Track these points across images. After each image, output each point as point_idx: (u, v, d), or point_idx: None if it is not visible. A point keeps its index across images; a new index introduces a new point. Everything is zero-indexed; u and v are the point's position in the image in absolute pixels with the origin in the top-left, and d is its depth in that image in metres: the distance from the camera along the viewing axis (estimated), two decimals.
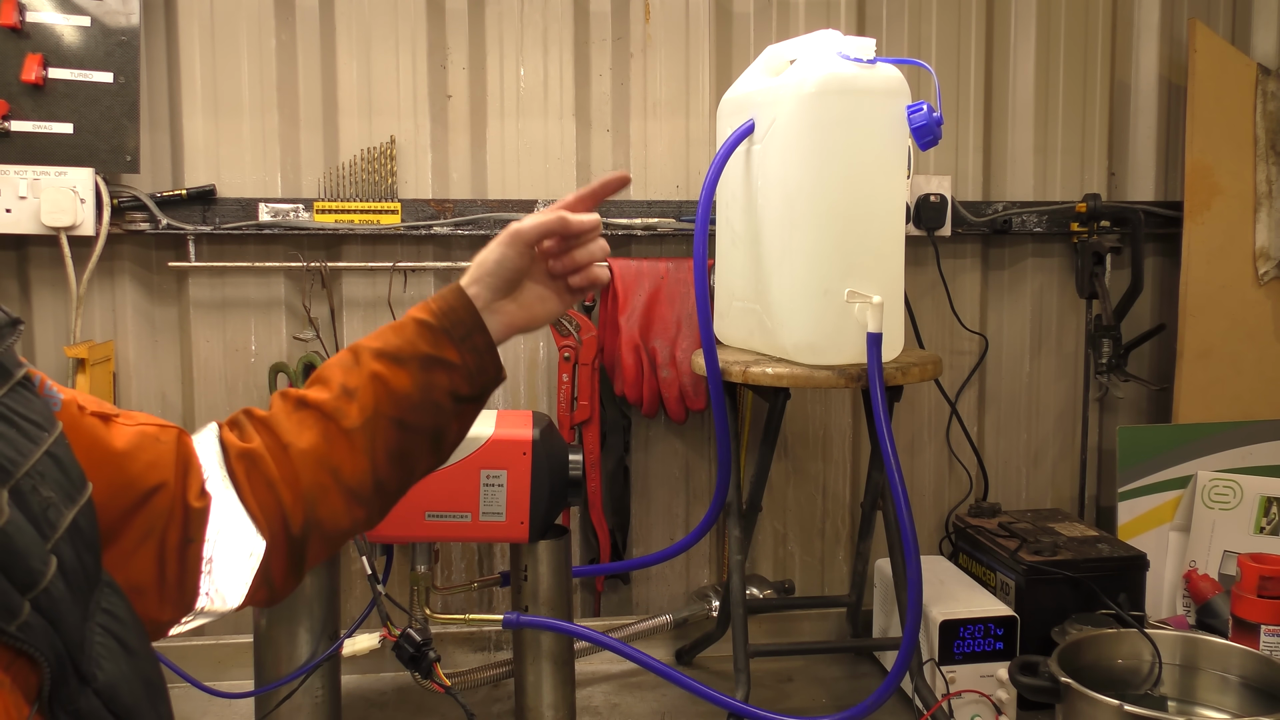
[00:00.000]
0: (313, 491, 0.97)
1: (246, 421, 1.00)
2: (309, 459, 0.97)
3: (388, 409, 1.00)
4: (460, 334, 1.02)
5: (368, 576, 1.50)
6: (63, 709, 0.70)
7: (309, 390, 1.01)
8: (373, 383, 0.99)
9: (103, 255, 1.86)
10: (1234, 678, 1.59)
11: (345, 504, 0.99)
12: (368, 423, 0.98)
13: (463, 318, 1.03)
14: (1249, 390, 2.15)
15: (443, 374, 1.01)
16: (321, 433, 0.98)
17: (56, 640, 0.69)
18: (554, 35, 2.03)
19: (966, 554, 2.01)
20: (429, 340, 1.01)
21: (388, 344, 1.01)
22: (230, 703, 1.77)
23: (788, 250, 1.60)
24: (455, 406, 1.03)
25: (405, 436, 1.01)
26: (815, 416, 2.19)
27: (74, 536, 0.74)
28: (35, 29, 1.80)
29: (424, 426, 1.02)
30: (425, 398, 1.01)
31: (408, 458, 1.03)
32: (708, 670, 1.96)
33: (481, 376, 1.04)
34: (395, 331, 1.02)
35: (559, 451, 1.59)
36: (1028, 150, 2.19)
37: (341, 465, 0.98)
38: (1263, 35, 2.23)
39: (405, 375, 1.00)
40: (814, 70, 1.55)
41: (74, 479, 0.77)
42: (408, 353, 1.01)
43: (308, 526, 0.98)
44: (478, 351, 1.03)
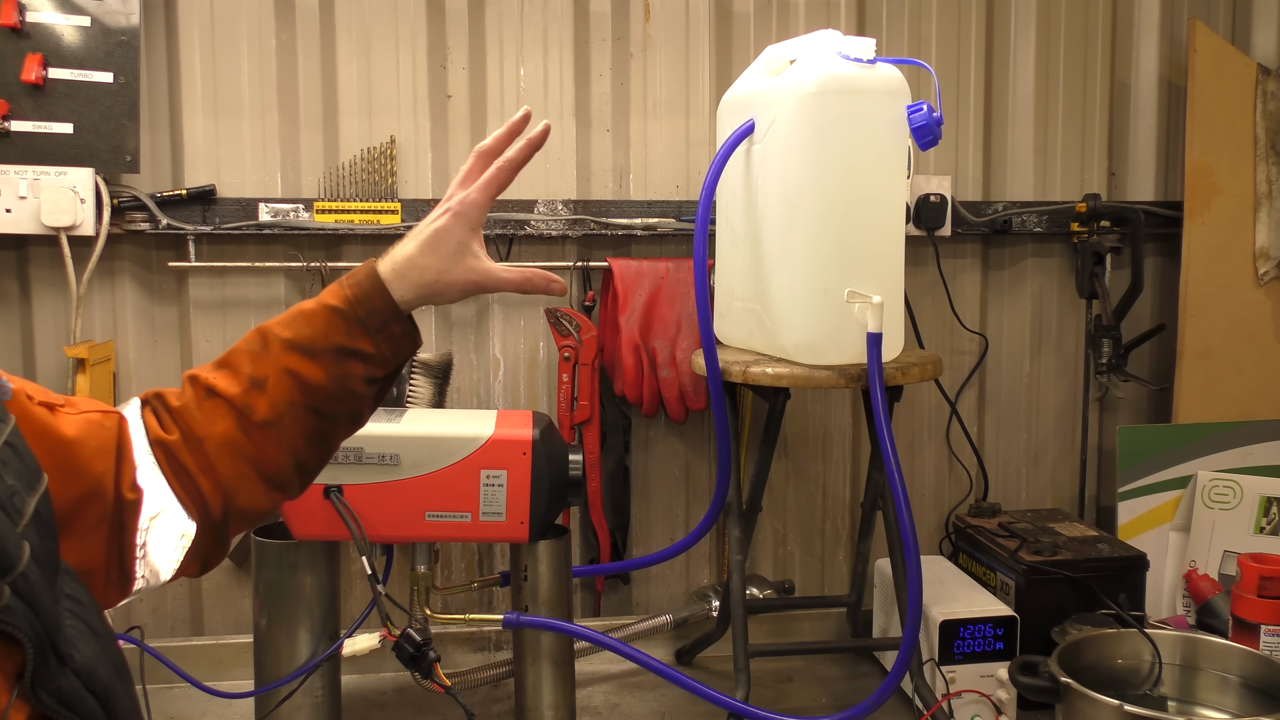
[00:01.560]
0: (231, 481, 0.97)
1: (162, 409, 0.98)
2: (224, 451, 0.96)
3: (301, 399, 0.97)
4: (375, 324, 0.97)
5: (368, 576, 1.50)
6: (44, 689, 0.70)
7: (216, 377, 0.98)
8: (284, 376, 0.96)
9: (103, 255, 1.86)
10: (1234, 678, 1.59)
11: (265, 490, 0.99)
12: (281, 416, 0.96)
13: (378, 307, 0.97)
14: (1249, 390, 2.15)
15: (358, 364, 0.98)
16: (234, 423, 0.96)
17: (36, 622, 0.70)
18: (554, 35, 2.03)
19: (966, 554, 2.01)
20: (343, 331, 0.97)
21: (299, 335, 0.97)
22: (230, 703, 1.77)
23: (788, 250, 1.60)
24: (370, 389, 1.00)
25: (321, 422, 0.99)
26: (815, 416, 2.19)
27: (37, 524, 0.75)
28: (35, 29, 1.80)
29: (340, 412, 1.00)
30: (340, 387, 0.98)
31: (326, 438, 1.01)
32: (708, 670, 1.96)
33: (396, 358, 1.01)
34: (307, 321, 0.98)
35: (559, 451, 1.59)
36: (1028, 150, 2.19)
37: (258, 455, 0.97)
38: (1263, 35, 2.23)
39: (318, 368, 0.97)
40: (814, 70, 1.55)
41: (31, 468, 0.77)
42: (321, 345, 0.97)
43: (226, 513, 0.97)
44: (393, 338, 0.99)
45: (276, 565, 1.61)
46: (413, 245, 1.00)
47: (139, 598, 0.99)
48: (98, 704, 0.75)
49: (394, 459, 1.53)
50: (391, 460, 1.53)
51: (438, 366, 1.90)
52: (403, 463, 1.53)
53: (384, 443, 1.53)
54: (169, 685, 1.78)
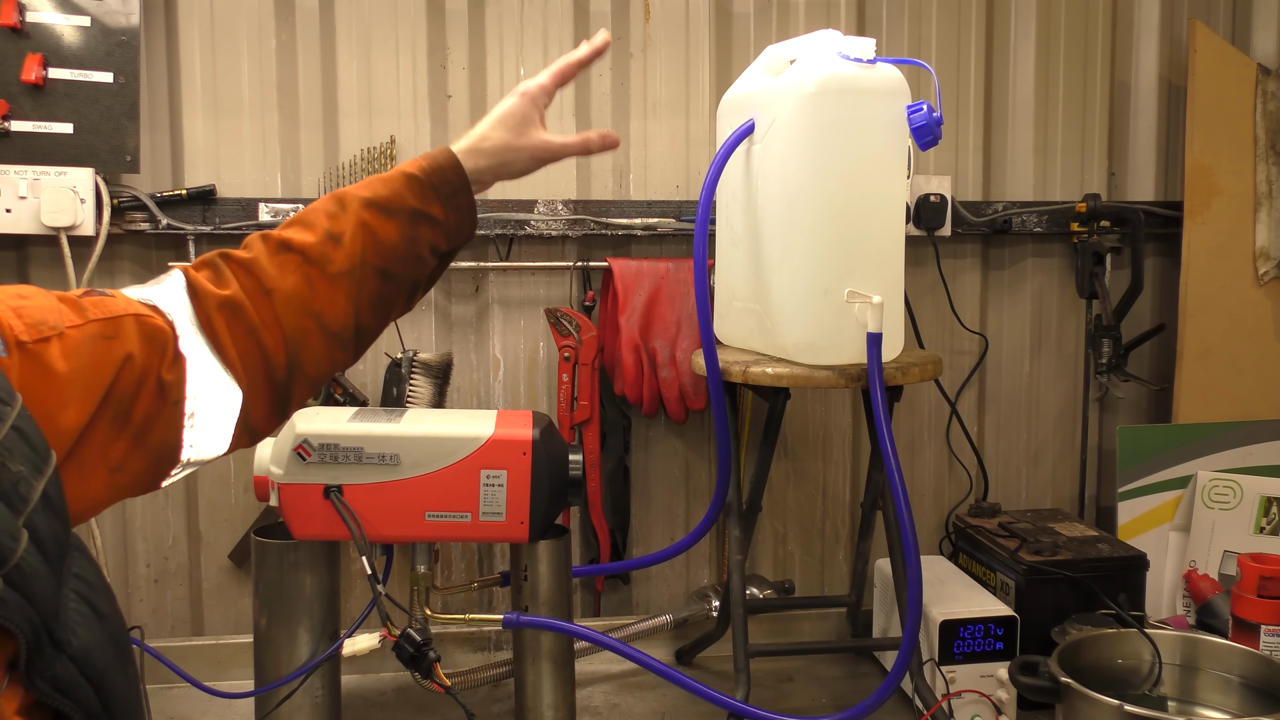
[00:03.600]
0: (295, 336, 0.99)
1: (224, 265, 1.00)
2: (292, 303, 0.99)
3: (374, 258, 1.02)
4: (447, 192, 1.07)
5: (368, 576, 1.49)
6: (39, 675, 0.71)
7: (290, 232, 1.01)
8: (361, 231, 1.02)
9: (103, 255, 1.86)
10: (1234, 678, 1.59)
11: (327, 347, 1.01)
12: (354, 270, 1.01)
13: (450, 178, 1.08)
14: (1249, 390, 2.15)
15: (427, 228, 1.06)
16: (304, 277, 0.99)
17: (31, 612, 0.70)
18: (554, 35, 2.03)
19: (966, 554, 2.01)
20: (417, 195, 1.05)
21: (377, 194, 1.04)
22: (230, 703, 1.77)
23: (788, 250, 1.60)
24: (434, 260, 1.08)
25: (387, 285, 1.04)
26: (815, 416, 2.19)
27: (46, 506, 0.75)
28: (35, 29, 1.80)
29: (405, 277, 1.06)
30: (410, 250, 1.05)
31: (387, 305, 1.07)
32: (708, 670, 1.96)
33: (459, 234, 1.10)
34: (384, 183, 1.05)
35: (559, 451, 1.59)
36: (1028, 150, 2.19)
37: (325, 310, 1.00)
38: (1263, 35, 2.23)
39: (393, 226, 1.03)
40: (814, 70, 1.55)
41: (40, 450, 0.76)
42: (396, 205, 1.04)
43: (290, 369, 0.99)
44: (460, 210, 1.08)
45: (276, 565, 1.61)
46: (484, 123, 1.15)
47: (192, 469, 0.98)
48: (92, 689, 0.76)
49: (394, 459, 1.53)
50: (391, 460, 1.53)
51: (438, 366, 1.91)
52: (403, 463, 1.53)
53: (384, 443, 1.53)
54: (169, 685, 1.78)
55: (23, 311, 0.84)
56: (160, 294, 0.97)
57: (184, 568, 2.03)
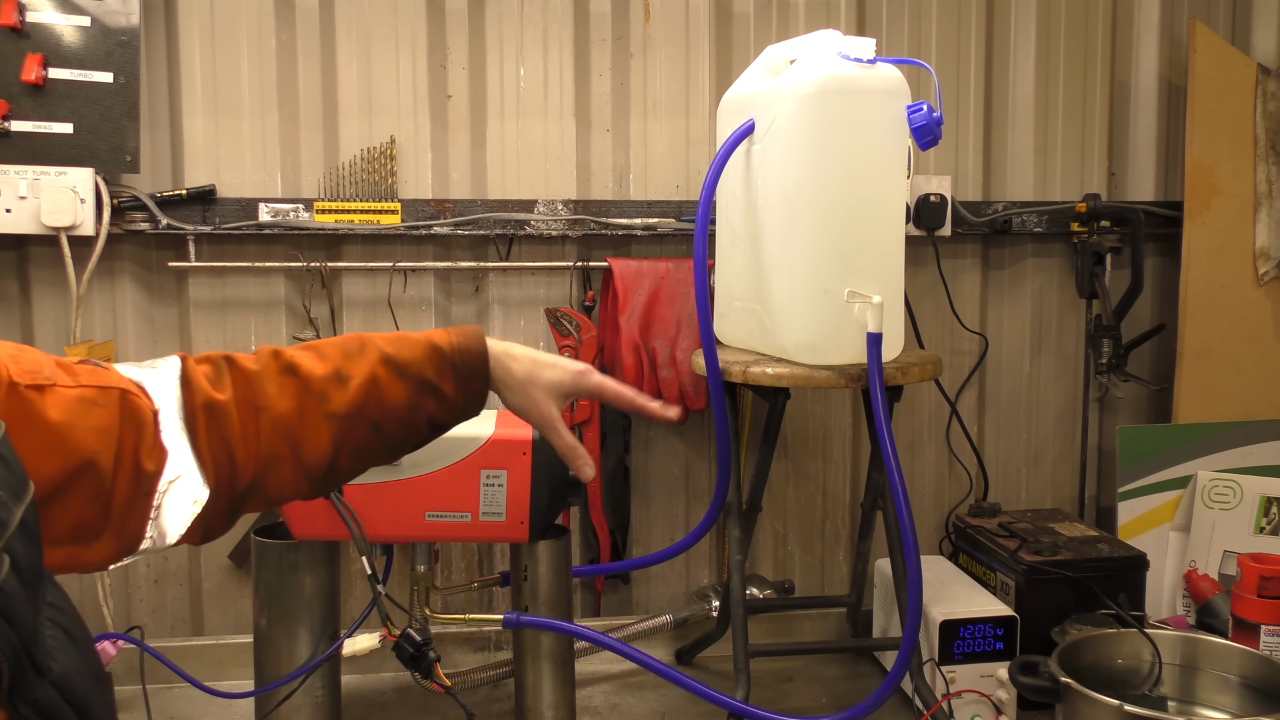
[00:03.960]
0: (268, 458, 0.99)
1: (225, 369, 1.00)
2: (277, 427, 0.99)
3: (373, 411, 1.03)
4: (465, 374, 1.08)
5: (368, 576, 1.50)
6: (23, 701, 0.71)
7: (302, 356, 1.02)
8: (369, 382, 1.03)
9: (103, 255, 1.86)
10: (1234, 678, 1.59)
11: (294, 477, 1.01)
12: (349, 415, 1.01)
13: (472, 361, 1.09)
14: (1249, 390, 2.15)
15: (433, 401, 1.06)
16: (299, 406, 1.00)
17: (12, 636, 0.70)
18: (554, 35, 2.03)
19: (966, 554, 2.01)
20: (435, 367, 1.06)
21: (399, 353, 1.05)
22: (230, 703, 1.77)
23: (788, 250, 1.60)
24: (428, 431, 1.09)
25: (375, 439, 1.05)
26: (815, 416, 2.19)
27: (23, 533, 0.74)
28: (35, 29, 1.80)
29: (396, 437, 1.07)
30: (409, 416, 1.06)
31: (370, 456, 1.07)
32: (708, 670, 1.96)
33: (463, 414, 1.10)
34: (409, 345, 1.07)
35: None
36: (1028, 150, 2.19)
37: (305, 442, 1.00)
38: (1263, 35, 2.23)
39: (401, 389, 1.04)
40: (814, 70, 1.55)
41: (19, 477, 0.77)
42: (413, 370, 1.05)
43: (252, 488, 0.99)
44: (471, 395, 1.09)
45: (276, 565, 1.61)
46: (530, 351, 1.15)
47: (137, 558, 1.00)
48: (74, 715, 0.76)
49: None
50: None
51: None
52: (403, 463, 1.53)
53: None
54: (169, 685, 1.78)
55: (20, 359, 0.85)
56: (152, 378, 0.98)
57: (184, 568, 2.03)
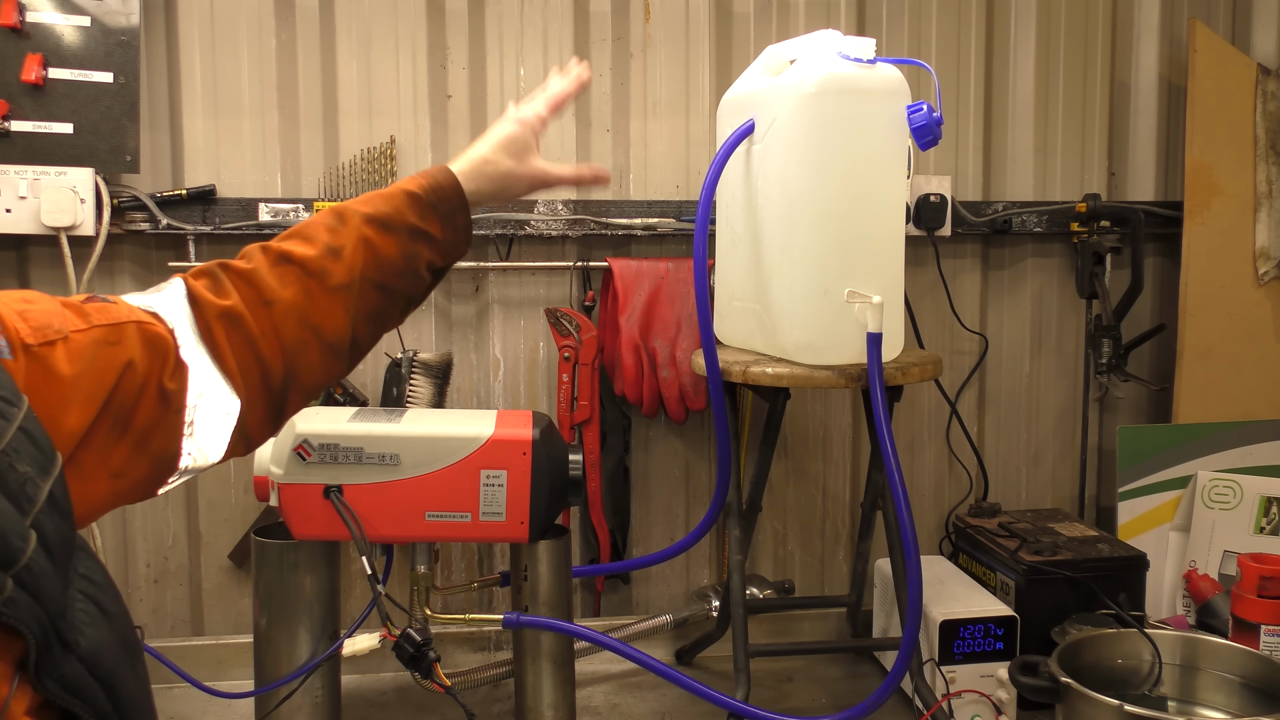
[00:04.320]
0: (293, 347, 1.00)
1: (223, 275, 1.00)
2: (291, 315, 1.00)
3: (373, 273, 1.04)
4: (445, 211, 1.09)
5: (368, 576, 1.50)
6: (49, 676, 0.72)
7: (290, 244, 1.02)
8: (361, 245, 1.04)
9: (103, 255, 1.86)
10: (1234, 678, 1.59)
11: (323, 359, 1.03)
12: (353, 283, 1.03)
13: (449, 197, 1.10)
14: (1249, 390, 2.15)
15: (425, 246, 1.08)
16: (304, 289, 1.01)
17: (40, 612, 0.71)
18: (554, 35, 2.03)
19: (966, 554, 2.01)
20: (417, 212, 1.08)
21: (378, 210, 1.06)
22: (230, 703, 1.77)
23: (788, 250, 1.60)
24: (429, 276, 1.11)
25: (384, 300, 1.07)
26: (815, 416, 2.19)
27: (52, 508, 0.75)
28: (35, 29, 1.80)
29: (402, 291, 1.09)
30: (408, 266, 1.07)
31: (383, 319, 1.09)
32: (708, 670, 1.96)
33: (454, 251, 1.12)
34: (385, 199, 1.08)
35: (559, 451, 1.59)
36: (1028, 150, 2.19)
37: (323, 323, 1.02)
38: (1263, 35, 2.23)
39: (393, 242, 1.06)
40: (814, 70, 1.55)
41: (45, 451, 0.77)
42: (396, 221, 1.07)
43: (287, 381, 1.00)
44: (457, 229, 1.11)
45: (276, 565, 1.61)
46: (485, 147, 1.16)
47: (189, 477, 1.01)
48: (101, 689, 0.76)
49: (394, 459, 1.53)
50: (391, 460, 1.53)
51: (438, 366, 1.91)
52: (403, 463, 1.53)
53: (384, 443, 1.53)
54: (169, 685, 1.78)
55: (28, 315, 0.84)
56: (161, 301, 0.98)
57: (184, 568, 2.03)
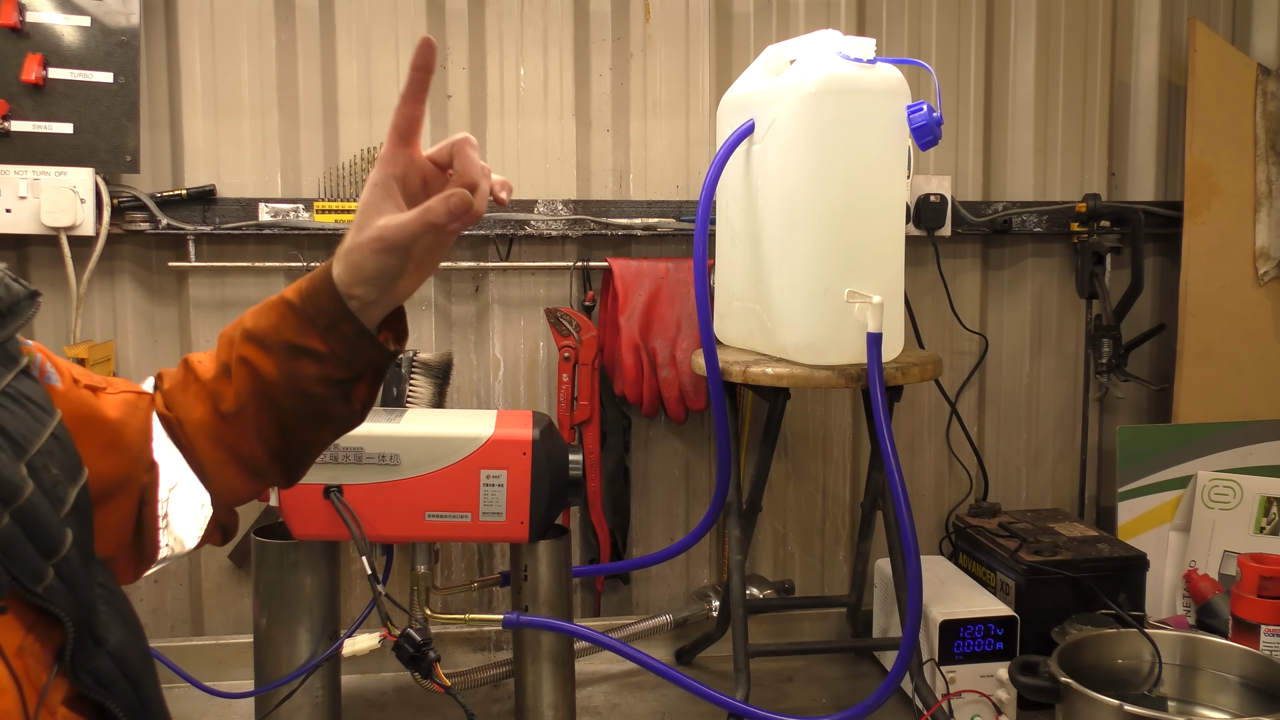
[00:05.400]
0: (211, 466, 0.96)
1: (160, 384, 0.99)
2: (202, 435, 0.95)
3: (261, 390, 0.92)
4: (324, 323, 0.89)
5: (368, 576, 1.50)
6: (83, 669, 0.75)
7: (200, 361, 0.97)
8: (241, 366, 0.92)
9: (103, 255, 1.86)
10: (1234, 678, 1.59)
11: (244, 477, 0.97)
12: (244, 406, 0.93)
13: (325, 304, 0.88)
14: (1249, 390, 2.15)
15: (310, 363, 0.90)
16: (210, 410, 0.94)
17: (75, 604, 0.75)
18: (554, 35, 2.03)
19: (966, 554, 2.01)
20: (294, 326, 0.90)
21: (258, 325, 0.92)
22: (230, 703, 1.77)
23: (788, 250, 1.60)
24: (333, 390, 0.92)
25: (284, 417, 0.94)
26: (815, 416, 2.19)
27: (77, 514, 0.79)
28: (35, 29, 1.80)
29: (302, 410, 0.94)
30: (292, 385, 0.92)
31: (298, 433, 0.96)
32: (708, 670, 1.96)
33: (359, 360, 0.91)
34: (265, 312, 0.92)
35: (559, 451, 1.59)
36: (1028, 150, 2.19)
37: (235, 442, 0.95)
38: (1263, 35, 2.23)
39: (270, 362, 0.91)
40: (814, 70, 1.55)
41: (74, 460, 0.81)
42: (273, 339, 0.91)
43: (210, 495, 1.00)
44: (346, 340, 0.89)
45: (276, 565, 1.61)
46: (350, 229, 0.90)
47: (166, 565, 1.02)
48: (129, 686, 0.79)
49: (394, 459, 1.53)
50: (391, 460, 1.53)
51: (438, 366, 1.90)
52: (403, 463, 1.53)
53: (384, 443, 1.53)
54: (169, 685, 1.76)
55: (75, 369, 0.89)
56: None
57: (184, 567, 2.03)
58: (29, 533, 0.72)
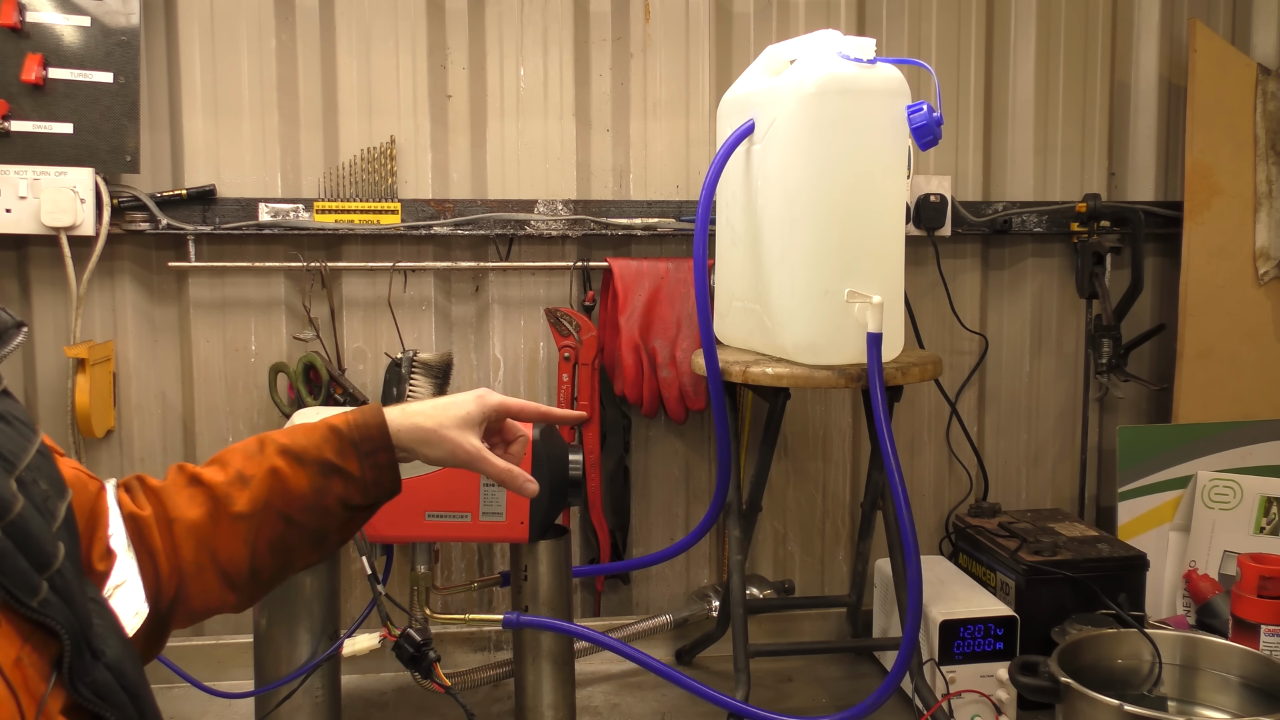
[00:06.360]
0: (189, 568, 1.00)
1: (139, 488, 1.02)
2: (190, 536, 1.00)
3: (278, 503, 1.03)
4: (367, 449, 1.06)
5: (368, 576, 1.50)
6: (81, 680, 0.76)
7: (205, 469, 1.04)
8: (270, 476, 1.03)
9: (103, 255, 1.86)
10: (1234, 678, 1.59)
11: (217, 584, 1.02)
12: (255, 514, 1.02)
13: (372, 435, 1.06)
14: (1249, 390, 2.15)
15: (339, 482, 1.05)
16: (208, 512, 1.01)
17: (70, 616, 0.76)
18: (554, 35, 2.03)
19: (966, 554, 2.01)
20: (335, 448, 1.05)
21: (295, 442, 1.05)
22: (230, 703, 1.77)
23: (788, 250, 1.60)
24: (344, 513, 1.07)
25: (289, 531, 1.04)
26: (815, 416, 2.19)
27: (67, 528, 0.80)
28: (35, 29, 1.80)
29: (309, 526, 1.05)
30: (317, 501, 1.04)
31: (288, 552, 1.06)
32: (708, 670, 1.96)
33: (376, 490, 1.08)
34: (306, 433, 1.06)
35: (559, 451, 1.59)
36: (1028, 150, 2.19)
37: (220, 548, 1.01)
38: (1263, 35, 2.23)
39: (303, 475, 1.03)
40: (814, 70, 1.55)
41: (58, 478, 0.83)
42: (312, 455, 1.04)
43: (176, 600, 1.00)
44: (379, 468, 1.07)
45: None
46: (429, 403, 1.13)
47: None
48: (128, 698, 0.80)
49: None
50: None
51: (438, 366, 1.90)
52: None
53: None
54: (169, 685, 1.78)
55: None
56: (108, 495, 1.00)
57: None
58: (21, 546, 0.73)
